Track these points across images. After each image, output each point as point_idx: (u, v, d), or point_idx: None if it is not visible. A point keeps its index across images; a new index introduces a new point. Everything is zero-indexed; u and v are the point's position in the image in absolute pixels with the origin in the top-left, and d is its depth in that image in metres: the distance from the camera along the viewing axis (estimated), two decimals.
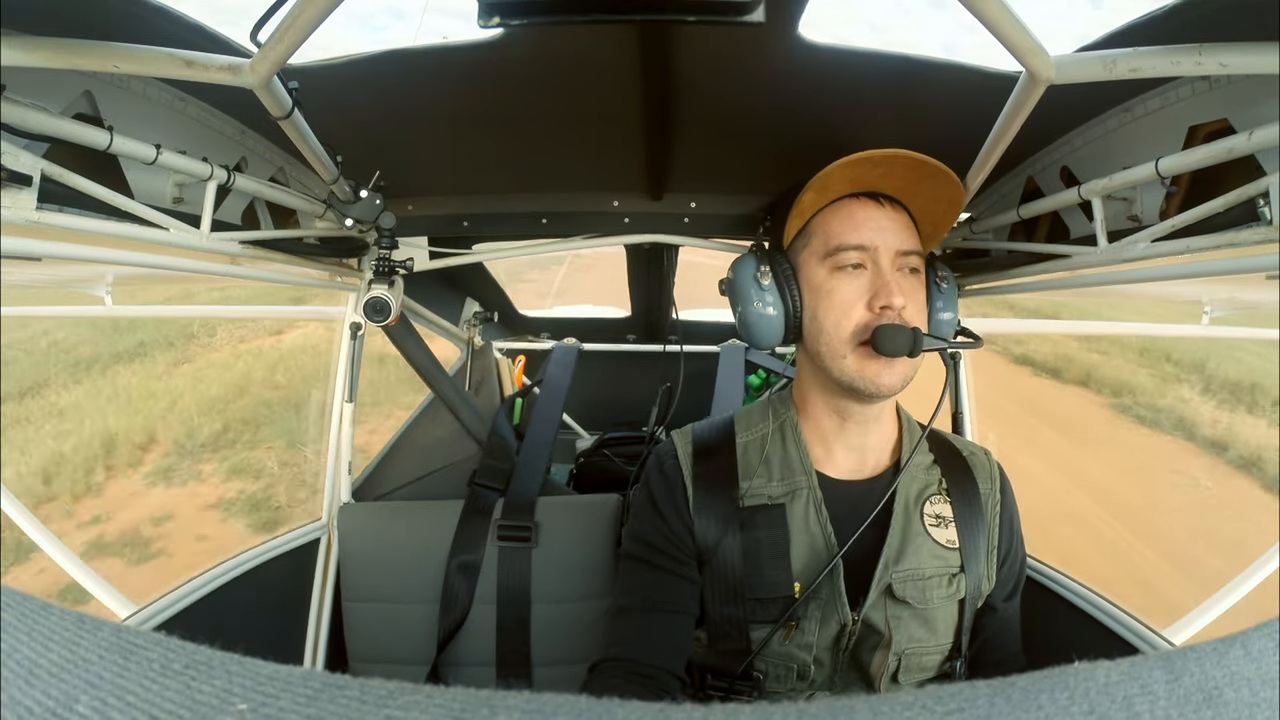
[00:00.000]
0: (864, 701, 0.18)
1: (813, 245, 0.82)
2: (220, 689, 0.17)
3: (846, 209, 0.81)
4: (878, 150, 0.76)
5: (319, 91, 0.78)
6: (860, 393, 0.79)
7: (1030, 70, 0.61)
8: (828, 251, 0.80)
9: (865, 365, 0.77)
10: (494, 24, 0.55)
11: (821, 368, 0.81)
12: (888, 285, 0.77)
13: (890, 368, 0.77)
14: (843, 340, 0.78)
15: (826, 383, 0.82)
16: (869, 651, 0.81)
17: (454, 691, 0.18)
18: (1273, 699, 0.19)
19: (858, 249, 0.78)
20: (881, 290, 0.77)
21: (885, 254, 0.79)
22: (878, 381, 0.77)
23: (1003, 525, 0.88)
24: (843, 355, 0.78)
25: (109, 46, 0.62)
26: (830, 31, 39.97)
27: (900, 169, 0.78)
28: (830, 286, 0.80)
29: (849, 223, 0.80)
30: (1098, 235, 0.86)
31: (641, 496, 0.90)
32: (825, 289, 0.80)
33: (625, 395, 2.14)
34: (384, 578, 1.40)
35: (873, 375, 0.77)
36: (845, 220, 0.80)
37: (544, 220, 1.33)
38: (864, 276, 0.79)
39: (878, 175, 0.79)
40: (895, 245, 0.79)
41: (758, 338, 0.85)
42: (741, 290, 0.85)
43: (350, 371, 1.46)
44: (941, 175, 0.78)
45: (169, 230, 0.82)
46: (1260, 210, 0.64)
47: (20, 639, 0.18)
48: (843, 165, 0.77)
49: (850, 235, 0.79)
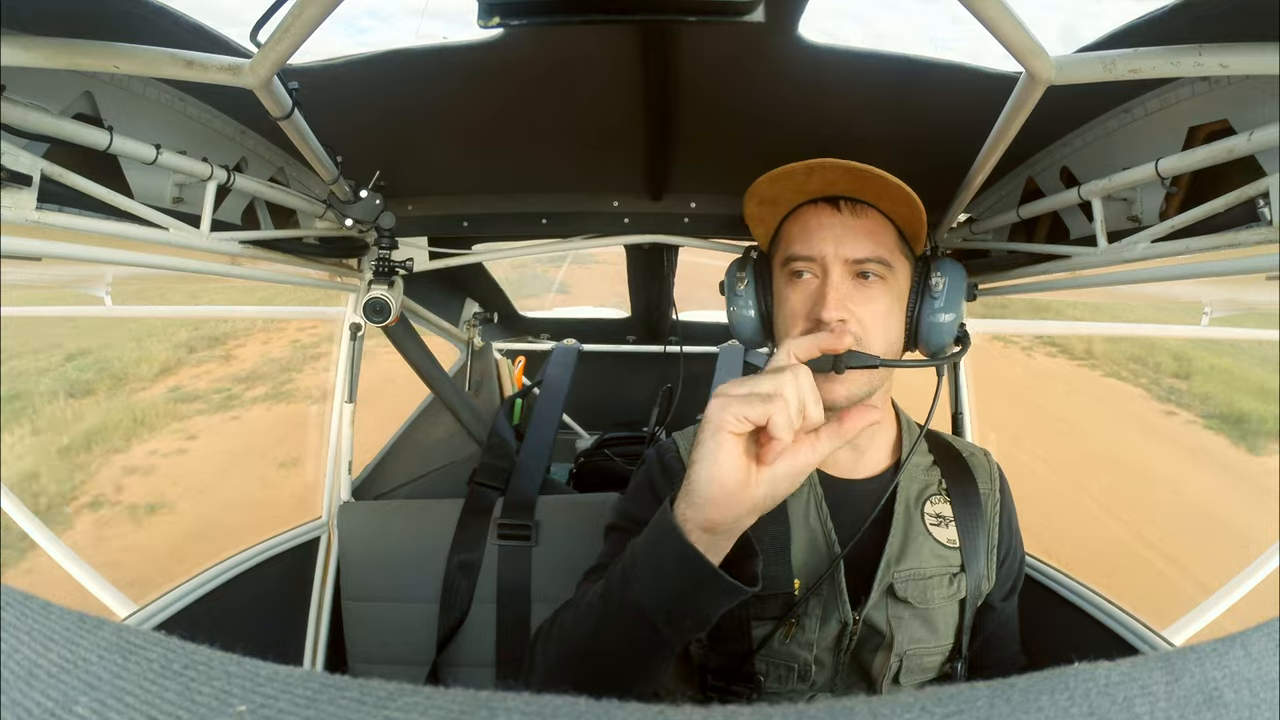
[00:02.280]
0: (863, 703, 0.18)
1: (779, 251, 0.83)
2: (220, 690, 0.17)
3: (803, 217, 0.81)
4: (801, 162, 0.75)
5: (319, 91, 0.78)
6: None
7: (1030, 71, 0.61)
8: (782, 260, 0.81)
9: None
10: (494, 24, 0.55)
11: None
12: (824, 298, 0.75)
13: (835, 380, 0.72)
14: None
15: None
16: (871, 653, 0.81)
17: (454, 693, 0.18)
18: (1273, 700, 0.19)
19: (805, 259, 0.78)
20: (818, 304, 0.76)
21: (835, 263, 0.77)
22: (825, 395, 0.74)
23: (1002, 525, 0.88)
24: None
25: (109, 46, 0.62)
26: (829, 32, 39.78)
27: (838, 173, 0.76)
28: (785, 295, 0.80)
29: (802, 232, 0.80)
30: (1098, 236, 0.86)
31: (640, 481, 0.89)
32: (781, 297, 0.81)
33: (625, 396, 2.14)
34: (384, 576, 1.40)
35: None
36: (800, 229, 0.80)
37: (544, 220, 1.33)
38: (811, 286, 0.78)
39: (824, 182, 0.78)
40: (846, 254, 0.77)
41: (740, 336, 0.90)
42: (727, 291, 0.90)
43: (350, 372, 1.46)
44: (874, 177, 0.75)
45: (169, 230, 0.82)
46: (1260, 211, 0.64)
47: (20, 639, 0.18)
48: (768, 180, 0.78)
49: (799, 245, 0.79)
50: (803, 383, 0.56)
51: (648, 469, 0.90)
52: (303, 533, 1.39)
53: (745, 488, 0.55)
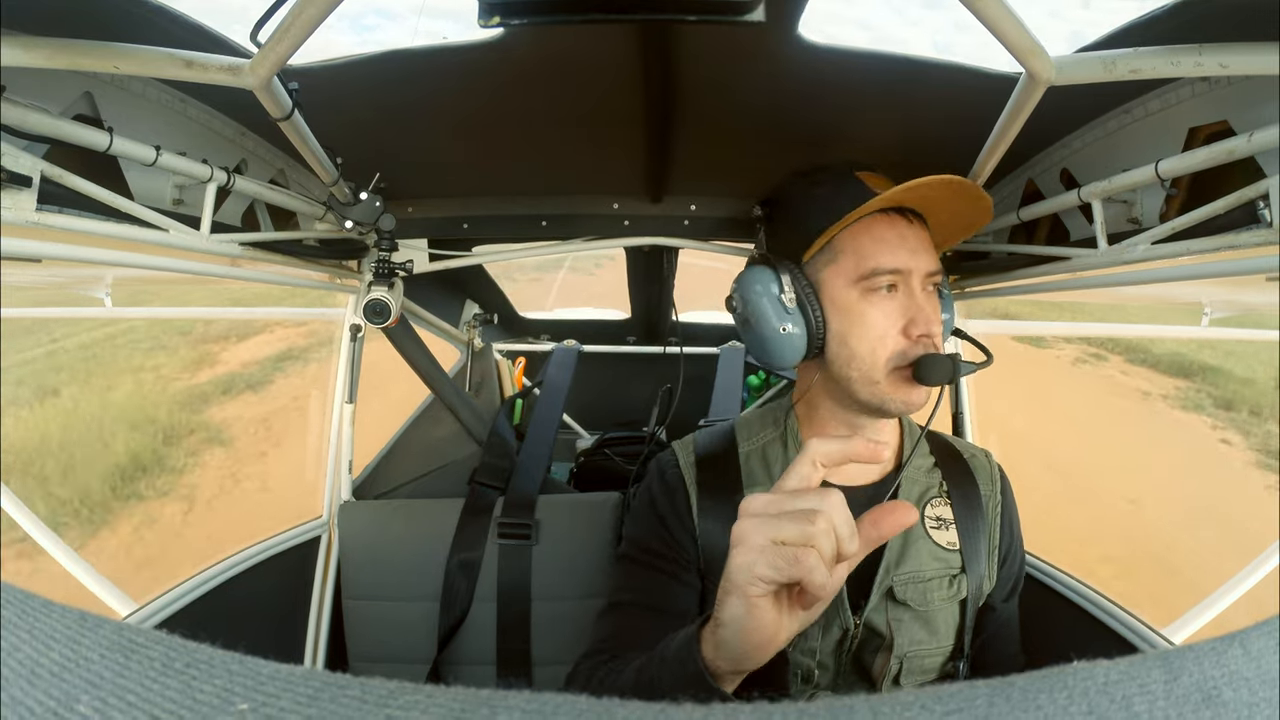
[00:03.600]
0: (864, 702, 0.18)
1: (840, 264, 0.78)
2: (221, 688, 0.17)
3: (877, 228, 0.78)
4: (936, 176, 0.72)
5: (319, 93, 0.78)
6: (890, 414, 0.78)
7: (1030, 71, 0.61)
8: (861, 275, 0.77)
9: (900, 390, 0.76)
10: (494, 24, 0.55)
11: (848, 390, 0.79)
12: (924, 313, 0.76)
13: (922, 391, 0.77)
14: (878, 366, 0.76)
15: (847, 401, 0.81)
16: (871, 654, 0.81)
17: (454, 691, 0.18)
18: (1272, 698, 0.19)
19: (893, 273, 0.76)
20: (919, 318, 0.76)
21: (917, 277, 0.77)
22: (909, 402, 0.77)
23: (1003, 526, 0.88)
24: (876, 381, 0.77)
25: (109, 47, 0.62)
26: (829, 32, 39.89)
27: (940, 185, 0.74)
28: (862, 309, 0.77)
29: (882, 245, 0.77)
30: (1098, 237, 0.86)
31: (642, 501, 0.89)
32: (856, 312, 0.77)
33: (625, 397, 2.14)
34: (384, 575, 1.40)
35: (904, 397, 0.76)
36: (878, 241, 0.77)
37: (544, 222, 1.34)
38: (896, 300, 0.77)
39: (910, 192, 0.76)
40: (926, 267, 0.77)
41: (774, 358, 0.81)
42: (757, 308, 0.80)
43: (350, 373, 1.46)
44: (977, 200, 0.76)
45: (169, 232, 0.82)
46: (1260, 212, 0.64)
47: (21, 637, 0.18)
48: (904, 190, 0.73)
49: (885, 258, 0.76)
50: (838, 518, 0.49)
51: (648, 486, 0.89)
52: (303, 532, 1.39)
53: (777, 635, 0.51)
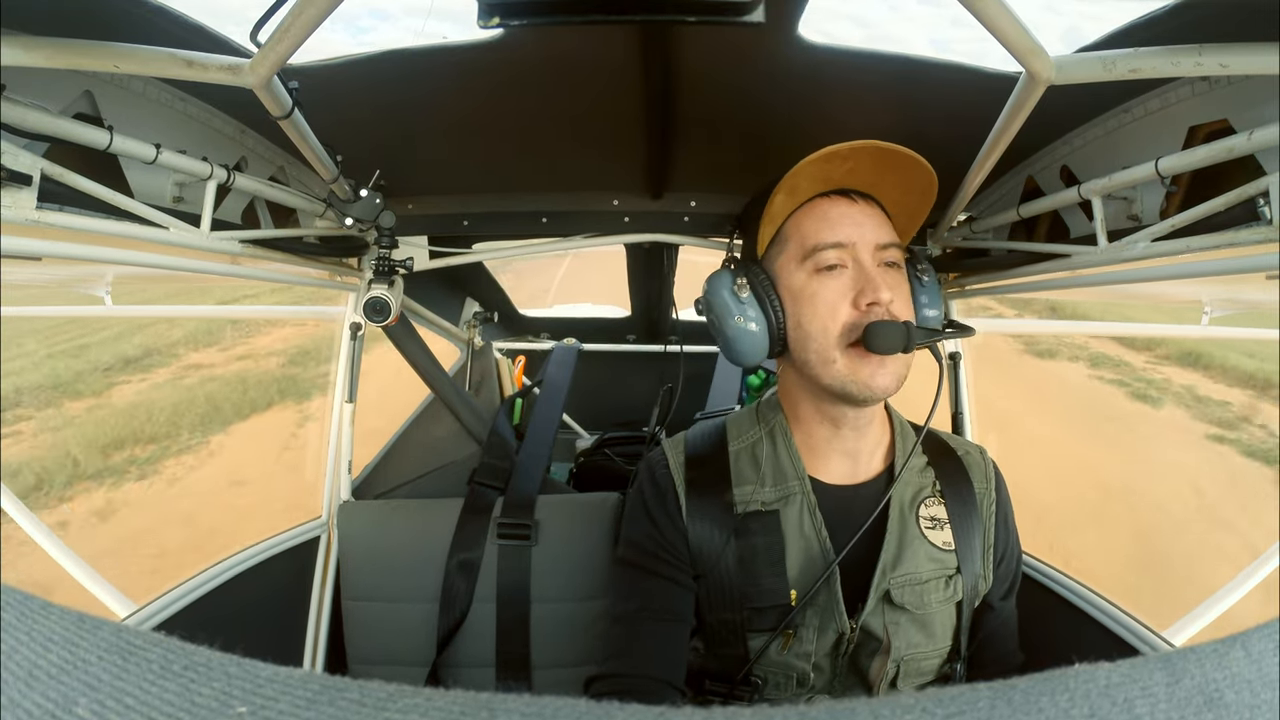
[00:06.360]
0: (864, 704, 0.18)
1: (789, 250, 0.79)
2: (219, 691, 0.17)
3: (819, 208, 0.79)
4: (844, 143, 0.73)
5: (319, 91, 0.78)
6: (854, 398, 0.76)
7: (1030, 70, 0.61)
8: (805, 253, 0.77)
9: (857, 368, 0.75)
10: (494, 24, 0.55)
11: (810, 376, 0.79)
12: (873, 280, 0.74)
13: (883, 367, 0.74)
14: (830, 344, 0.75)
15: (817, 391, 0.80)
16: (868, 657, 0.80)
17: (453, 694, 0.18)
18: (1273, 701, 0.18)
19: (836, 247, 0.76)
20: (867, 286, 0.74)
21: (865, 249, 0.76)
22: (871, 384, 0.74)
23: (999, 524, 0.87)
24: (832, 360, 0.76)
25: (109, 46, 0.62)
26: (830, 33, 39.59)
27: (868, 161, 0.75)
28: (812, 289, 0.77)
29: (824, 222, 0.78)
30: (1098, 235, 0.86)
31: (634, 503, 0.89)
32: (807, 293, 0.77)
33: (625, 396, 2.14)
34: (383, 576, 1.40)
35: (866, 378, 0.75)
36: (820, 220, 0.78)
37: (544, 219, 1.33)
38: (845, 275, 0.76)
39: (845, 171, 0.77)
40: (873, 239, 0.77)
41: (741, 354, 0.81)
42: (719, 307, 0.81)
43: (350, 372, 1.46)
44: (910, 162, 0.75)
45: (169, 229, 0.82)
46: (1260, 210, 0.64)
47: (20, 639, 0.18)
48: (811, 162, 0.74)
49: (826, 234, 0.77)
50: None
51: (640, 487, 0.89)
52: (302, 532, 1.39)
53: None
